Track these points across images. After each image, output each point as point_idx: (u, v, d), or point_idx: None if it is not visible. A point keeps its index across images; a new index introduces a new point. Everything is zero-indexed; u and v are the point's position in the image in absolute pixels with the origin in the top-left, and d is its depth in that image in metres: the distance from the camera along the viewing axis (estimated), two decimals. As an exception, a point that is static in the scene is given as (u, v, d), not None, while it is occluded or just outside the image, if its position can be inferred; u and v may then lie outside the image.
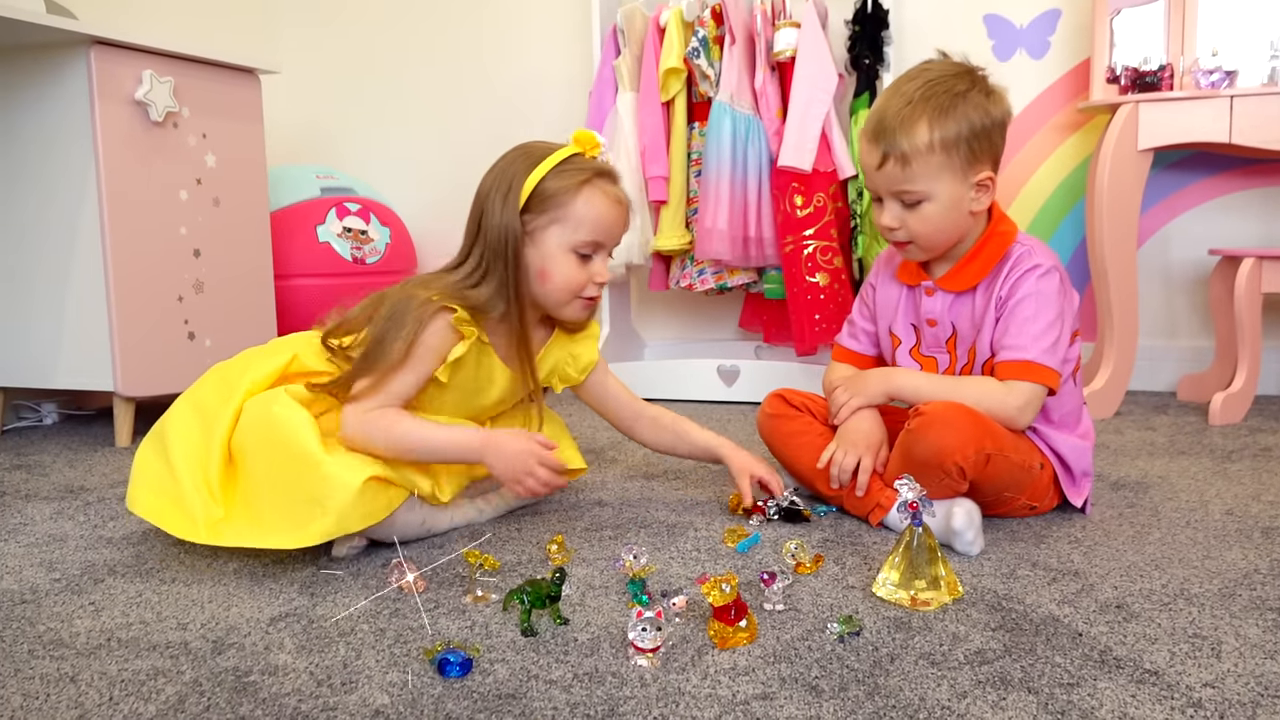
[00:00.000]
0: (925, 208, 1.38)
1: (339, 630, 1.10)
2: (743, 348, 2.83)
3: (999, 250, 1.43)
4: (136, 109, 2.04)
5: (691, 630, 1.07)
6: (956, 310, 1.47)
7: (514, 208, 1.35)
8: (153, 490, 1.32)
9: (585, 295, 1.42)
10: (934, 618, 1.10)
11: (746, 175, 2.44)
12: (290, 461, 1.25)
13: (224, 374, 1.39)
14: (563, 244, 1.38)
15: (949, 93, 1.36)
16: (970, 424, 1.33)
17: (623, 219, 1.43)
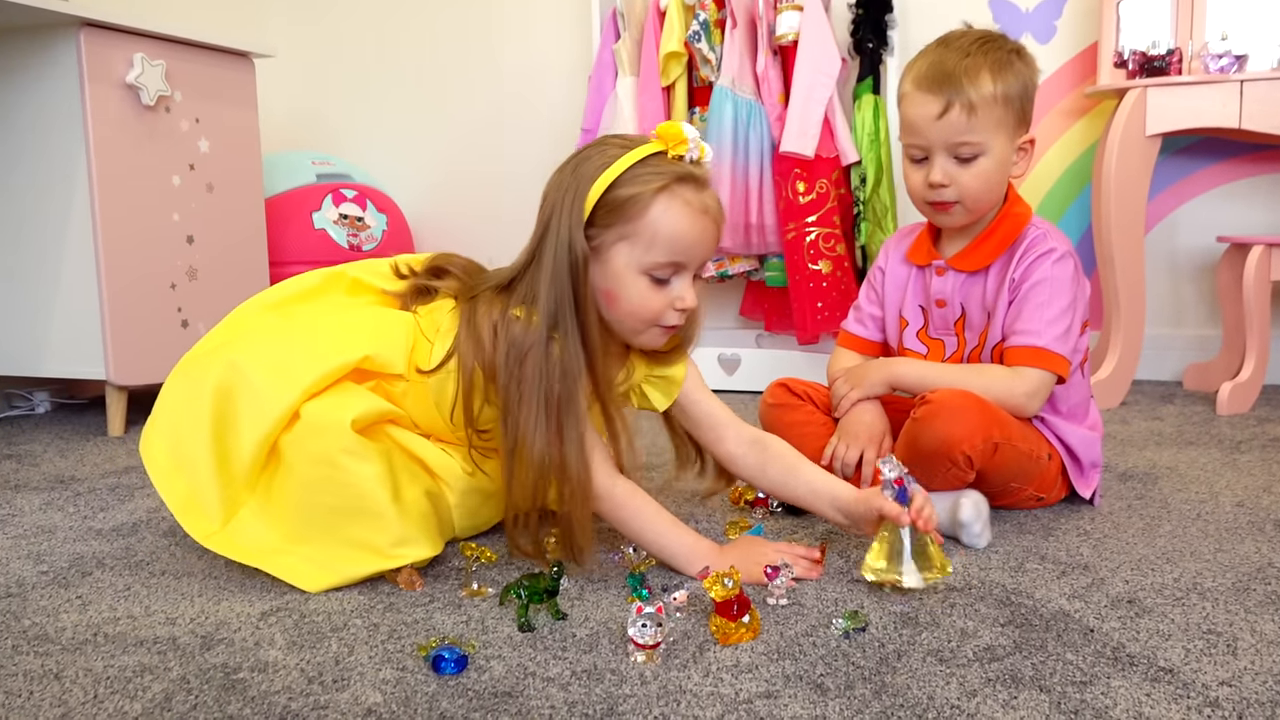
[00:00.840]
0: (981, 162, 1.35)
1: (331, 625, 1.07)
2: (743, 336, 2.79)
3: (1014, 230, 1.41)
4: (128, 93, 2.01)
5: (693, 626, 1.05)
6: (967, 291, 1.44)
7: (578, 220, 1.13)
8: (171, 445, 1.19)
9: (664, 324, 1.18)
10: (941, 613, 1.07)
11: (748, 161, 2.40)
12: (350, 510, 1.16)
13: (284, 344, 1.21)
14: (632, 264, 1.14)
15: (1003, 49, 1.35)
16: (978, 412, 1.30)
17: (709, 233, 1.17)
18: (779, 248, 2.43)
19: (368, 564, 1.17)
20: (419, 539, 1.19)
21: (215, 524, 1.20)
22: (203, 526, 1.20)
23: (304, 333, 1.25)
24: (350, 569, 1.17)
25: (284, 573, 1.18)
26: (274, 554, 1.19)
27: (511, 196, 3.05)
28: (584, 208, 1.13)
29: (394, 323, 1.26)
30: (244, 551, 1.19)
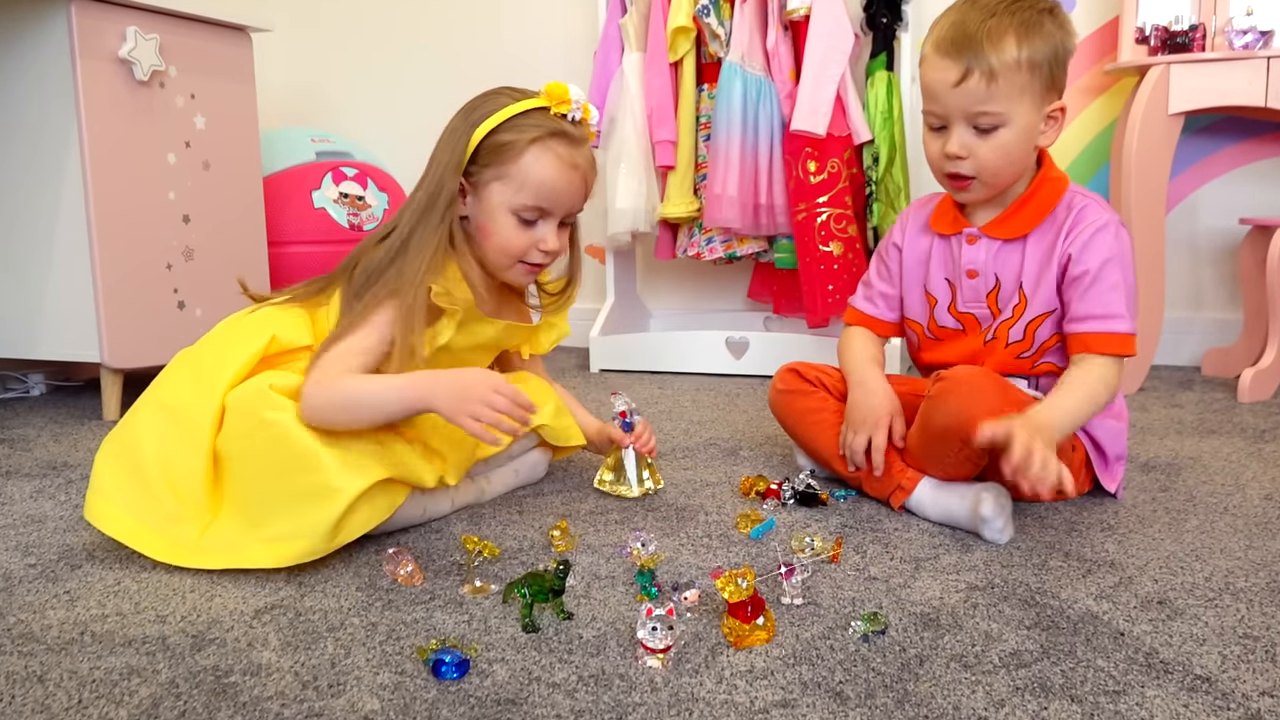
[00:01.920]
0: (1001, 134, 1.27)
1: (327, 624, 1.03)
2: (752, 319, 2.74)
3: (1053, 197, 1.34)
4: (120, 67, 1.95)
5: (704, 627, 1.00)
6: (1002, 260, 1.36)
7: (458, 159, 1.28)
8: (120, 503, 1.21)
9: (528, 261, 1.34)
10: (963, 613, 1.03)
11: (758, 140, 2.34)
12: (287, 464, 1.16)
13: (195, 367, 1.26)
14: (503, 203, 1.29)
15: (1034, 8, 1.26)
16: (995, 390, 1.26)
17: (576, 187, 1.32)
18: (789, 229, 2.38)
19: (325, 510, 1.13)
20: (369, 466, 1.16)
21: (190, 543, 1.19)
22: (179, 553, 1.18)
23: (209, 348, 1.28)
24: (312, 527, 1.13)
25: (253, 561, 1.15)
26: (242, 549, 1.16)
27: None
28: (466, 148, 1.27)
29: (293, 311, 1.32)
30: (216, 558, 1.17)
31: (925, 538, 1.26)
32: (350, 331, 1.24)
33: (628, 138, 2.45)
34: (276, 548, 1.15)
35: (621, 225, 2.47)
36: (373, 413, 1.19)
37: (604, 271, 2.72)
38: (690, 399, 2.18)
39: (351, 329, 1.24)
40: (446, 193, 1.28)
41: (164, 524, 1.20)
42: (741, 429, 1.88)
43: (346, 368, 1.21)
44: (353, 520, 1.16)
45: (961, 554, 1.20)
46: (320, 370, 1.20)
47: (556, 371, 2.57)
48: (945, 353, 1.43)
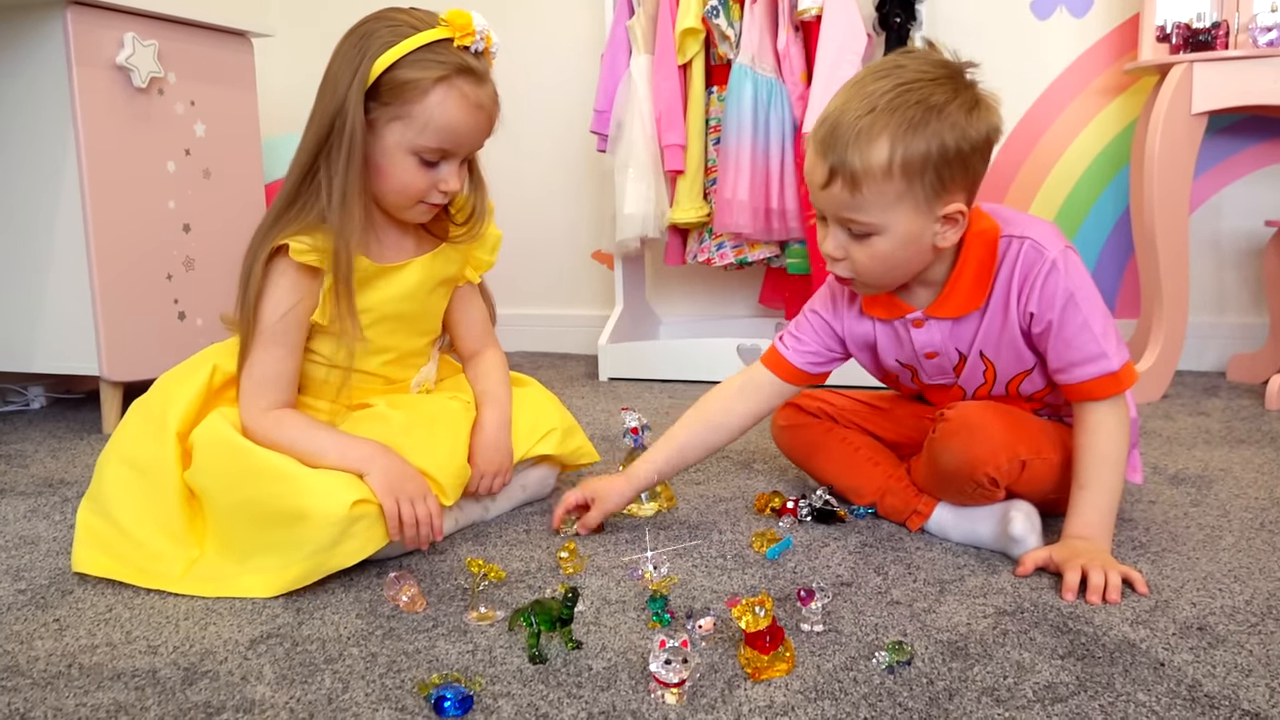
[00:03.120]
0: (875, 241, 1.13)
1: (325, 655, 0.98)
2: (763, 325, 2.69)
3: (988, 256, 1.19)
4: (118, 74, 1.91)
5: (720, 657, 0.95)
6: (960, 335, 1.24)
7: (358, 91, 1.17)
8: (103, 551, 1.19)
9: (429, 201, 1.25)
10: (992, 641, 0.97)
11: (769, 143, 2.29)
12: (266, 490, 1.13)
13: (145, 414, 1.24)
14: (403, 144, 1.20)
15: (922, 104, 1.08)
16: (1000, 428, 1.19)
17: (481, 126, 1.23)
18: (801, 233, 2.33)
19: (310, 535, 1.10)
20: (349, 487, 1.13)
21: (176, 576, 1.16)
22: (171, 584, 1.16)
23: (156, 392, 1.27)
24: (299, 553, 1.10)
25: (246, 590, 1.12)
26: (233, 579, 1.14)
27: (522, 180, 2.95)
28: (366, 80, 1.17)
29: (230, 342, 1.29)
30: (205, 587, 1.14)
31: (949, 557, 1.21)
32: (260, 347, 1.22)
33: (636, 142, 2.40)
34: (268, 576, 1.12)
35: (630, 231, 2.42)
36: (311, 461, 1.16)
37: (613, 278, 2.67)
38: (701, 409, 2.13)
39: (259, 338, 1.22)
40: (354, 127, 1.17)
41: (149, 563, 1.17)
42: (754, 441, 1.83)
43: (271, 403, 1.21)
44: (346, 546, 1.11)
45: (988, 575, 1.15)
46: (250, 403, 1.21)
47: (565, 380, 2.53)
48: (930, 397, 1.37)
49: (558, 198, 2.99)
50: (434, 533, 1.19)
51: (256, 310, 1.21)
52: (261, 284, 1.21)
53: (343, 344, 1.25)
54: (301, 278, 1.21)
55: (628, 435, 1.38)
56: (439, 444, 1.27)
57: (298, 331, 1.23)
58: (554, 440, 1.41)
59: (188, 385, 1.24)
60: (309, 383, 1.30)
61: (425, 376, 1.40)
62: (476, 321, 1.45)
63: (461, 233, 1.35)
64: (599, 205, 2.92)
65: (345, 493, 1.12)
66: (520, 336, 3.02)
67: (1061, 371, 1.20)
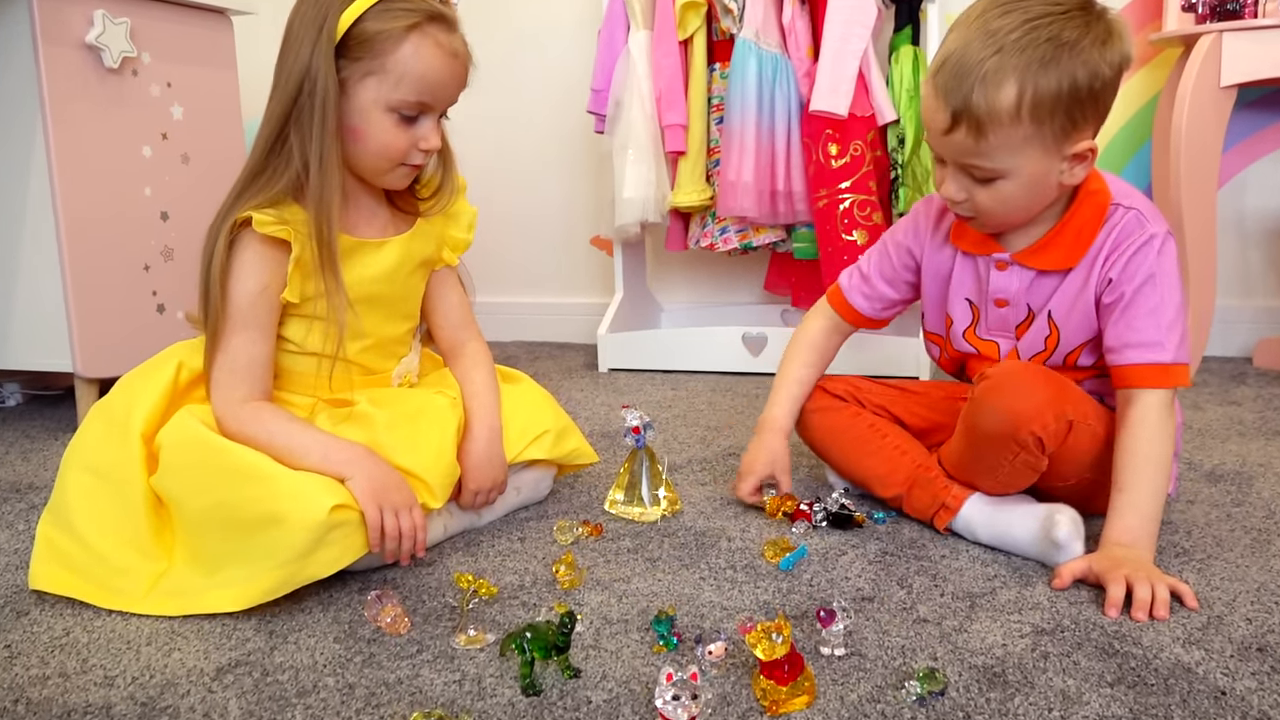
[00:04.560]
0: (1000, 185, 1.09)
1: (298, 687, 0.89)
2: (769, 312, 2.59)
3: (1095, 218, 1.14)
4: (88, 54, 1.81)
5: (733, 687, 0.86)
6: (1038, 291, 1.19)
7: (327, 48, 1.08)
8: (63, 567, 1.10)
9: (409, 162, 1.18)
10: (1032, 667, 0.88)
11: (774, 122, 2.19)
12: (236, 492, 1.05)
13: (107, 417, 1.15)
14: (379, 101, 1.12)
15: (1053, 42, 1.02)
16: (1046, 385, 1.11)
17: (458, 76, 1.17)
18: (808, 217, 2.22)
19: (281, 542, 1.01)
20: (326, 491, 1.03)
21: (139, 594, 1.07)
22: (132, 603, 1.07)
23: (118, 394, 1.18)
24: (268, 561, 1.01)
25: (212, 606, 1.03)
26: (199, 594, 1.05)
27: (517, 162, 2.85)
28: (333, 35, 1.09)
29: (197, 339, 1.20)
30: (172, 604, 1.05)
31: (978, 567, 1.12)
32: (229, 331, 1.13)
33: (635, 122, 2.30)
34: (237, 590, 1.03)
35: (630, 215, 2.32)
36: (294, 465, 1.07)
37: (612, 264, 2.57)
38: (706, 401, 2.04)
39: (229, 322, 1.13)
40: (325, 87, 1.08)
41: (112, 578, 1.08)
42: (763, 436, 1.74)
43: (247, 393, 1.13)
44: (322, 555, 1.02)
45: (1021, 588, 1.06)
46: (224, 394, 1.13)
47: (563, 371, 2.43)
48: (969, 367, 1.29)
49: (554, 181, 2.88)
50: (416, 547, 1.10)
51: (224, 291, 1.11)
52: (225, 262, 1.12)
53: (324, 325, 1.17)
54: (268, 251, 1.12)
55: (629, 435, 1.29)
56: (425, 442, 1.18)
57: (269, 311, 1.14)
58: (547, 443, 1.31)
59: (152, 384, 1.16)
60: (283, 375, 1.21)
61: (407, 368, 1.30)
62: (455, 307, 1.35)
63: (430, 204, 1.27)
64: (597, 189, 2.82)
65: (324, 496, 1.02)
66: (517, 325, 2.92)
67: (1114, 351, 1.14)
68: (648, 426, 1.29)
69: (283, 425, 1.11)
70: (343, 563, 1.05)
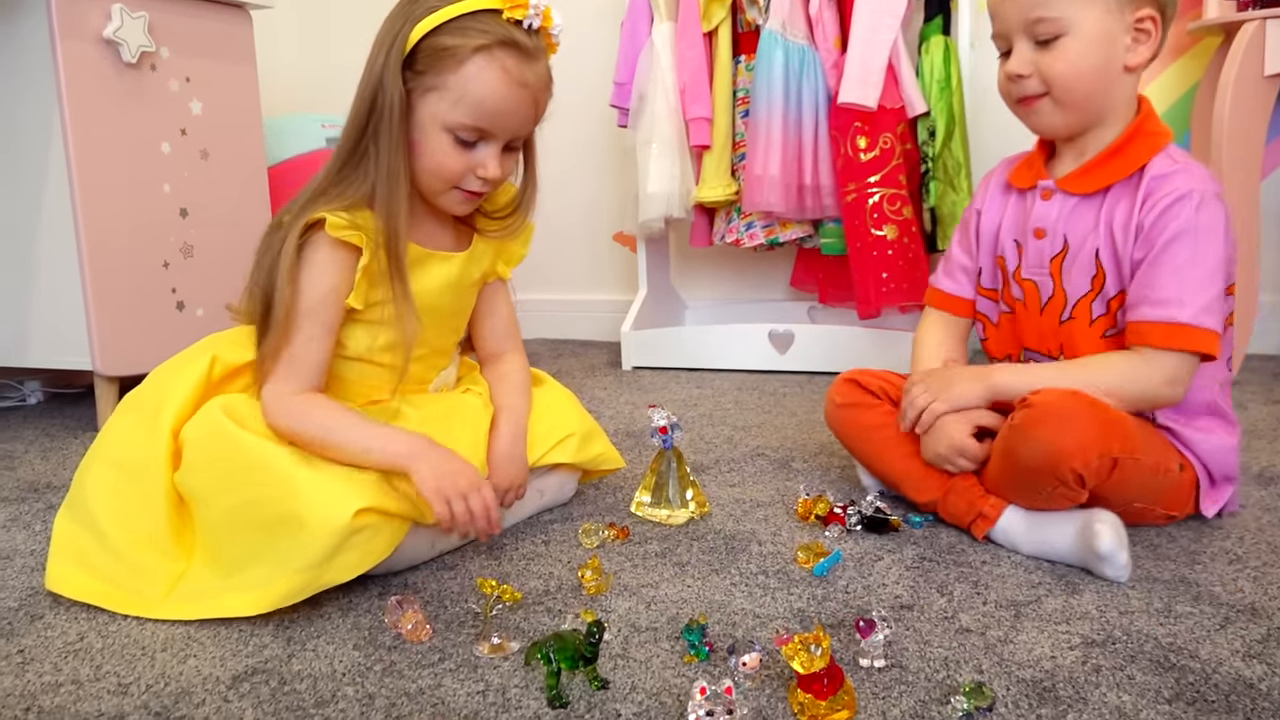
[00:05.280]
0: (1064, 44, 1.10)
1: (316, 696, 0.86)
2: (795, 309, 2.55)
3: (1146, 153, 1.13)
4: (106, 49, 1.79)
5: (768, 700, 0.82)
6: (1075, 221, 1.17)
7: (396, 58, 1.07)
8: (80, 565, 1.08)
9: (464, 188, 1.14)
10: (1084, 681, 0.84)
11: (801, 115, 2.14)
12: (258, 492, 1.02)
13: (137, 410, 1.13)
14: (437, 119, 1.09)
15: None
16: (1092, 419, 1.05)
17: (524, 108, 1.11)
18: (836, 211, 2.18)
19: (302, 546, 0.98)
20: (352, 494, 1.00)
21: (157, 597, 1.04)
22: (148, 607, 1.04)
23: (149, 386, 1.15)
24: (288, 565, 0.99)
25: (229, 610, 1.00)
26: (216, 597, 1.02)
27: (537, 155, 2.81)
28: (404, 46, 1.07)
29: (236, 329, 1.18)
30: (188, 608, 1.02)
31: (1021, 573, 1.07)
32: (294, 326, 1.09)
33: (659, 115, 2.26)
34: (254, 594, 0.99)
35: (654, 211, 2.28)
36: (350, 458, 1.05)
37: (635, 261, 2.53)
38: (732, 400, 2.00)
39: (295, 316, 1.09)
40: (391, 98, 1.07)
41: (130, 579, 1.05)
42: (792, 436, 1.70)
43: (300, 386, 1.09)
44: (342, 560, 0.99)
45: (1068, 596, 1.01)
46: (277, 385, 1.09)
47: (586, 369, 2.40)
48: (1018, 337, 1.25)
49: (577, 177, 2.85)
50: (491, 525, 1.06)
51: (294, 288, 1.08)
52: (295, 261, 1.08)
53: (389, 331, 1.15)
54: (338, 254, 1.10)
55: (656, 435, 1.25)
56: (457, 441, 1.15)
57: (335, 312, 1.11)
58: (571, 447, 1.28)
59: (184, 378, 1.12)
60: (335, 383, 1.17)
61: (445, 380, 1.28)
62: (502, 320, 1.33)
63: (494, 227, 1.25)
64: (620, 184, 2.78)
65: (348, 500, 0.99)
66: (539, 323, 2.89)
67: (1130, 308, 1.12)
68: (675, 426, 1.25)
69: (338, 419, 1.08)
70: (363, 568, 1.02)
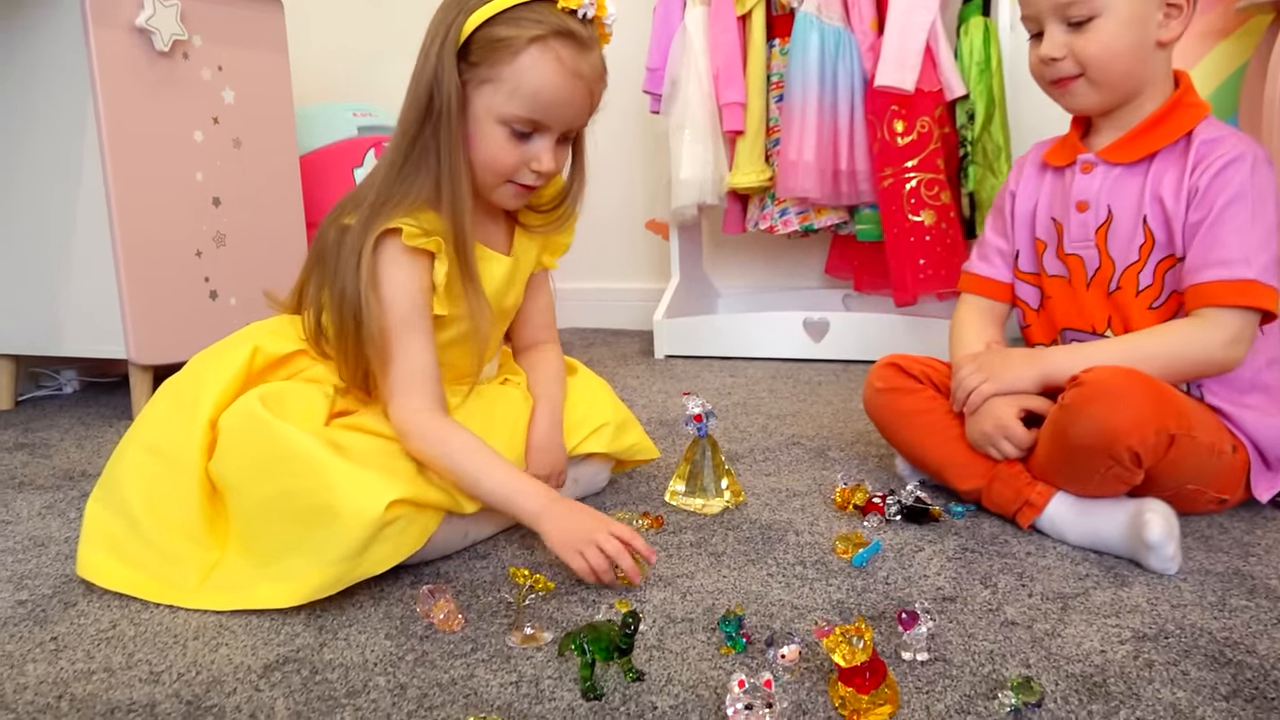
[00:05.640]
0: (1097, 25, 1.10)
1: (347, 687, 0.85)
2: (830, 297, 2.51)
3: (1188, 121, 1.13)
4: (139, 37, 1.79)
5: (808, 694, 0.80)
6: (1119, 191, 1.16)
7: (451, 51, 1.05)
8: (112, 552, 1.07)
9: (518, 181, 1.12)
10: (1136, 676, 0.81)
11: (837, 99, 2.11)
12: (292, 484, 1.00)
13: (174, 397, 1.11)
14: (491, 111, 1.07)
15: None
16: (1148, 395, 1.02)
17: (579, 99, 1.09)
18: (872, 197, 2.14)
19: (337, 538, 0.97)
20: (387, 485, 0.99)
21: (190, 586, 1.04)
22: (181, 597, 1.04)
23: (188, 374, 1.13)
24: (323, 557, 0.97)
25: (263, 601, 1.00)
26: (249, 587, 1.01)
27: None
28: (458, 38, 1.05)
29: (278, 319, 1.18)
30: (221, 599, 1.01)
31: (1067, 565, 1.04)
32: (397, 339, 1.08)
33: (692, 101, 2.23)
34: (287, 585, 0.98)
35: (686, 198, 2.26)
36: (476, 496, 1.07)
37: (668, 249, 2.51)
38: (766, 388, 1.97)
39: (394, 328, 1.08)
40: (448, 91, 1.05)
41: (162, 567, 1.05)
42: (828, 424, 1.67)
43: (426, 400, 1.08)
44: (376, 552, 0.98)
45: (1117, 588, 0.98)
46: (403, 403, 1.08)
47: (618, 358, 2.38)
48: (1059, 318, 1.22)
49: (608, 163, 2.83)
50: (640, 555, 1.02)
51: (381, 301, 1.07)
52: (374, 273, 1.07)
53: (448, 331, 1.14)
54: (416, 262, 1.09)
55: (690, 423, 1.23)
56: (497, 435, 1.14)
57: (428, 317, 1.10)
58: (606, 436, 1.27)
59: (224, 367, 1.11)
60: None
61: (488, 374, 1.26)
62: (543, 310, 1.32)
63: (539, 222, 1.23)
64: (653, 171, 2.76)
65: (381, 491, 0.98)
66: (571, 312, 2.88)
67: (1193, 271, 1.10)
68: (710, 414, 1.23)
69: (472, 459, 1.06)
70: (397, 559, 1.01)
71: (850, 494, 1.23)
